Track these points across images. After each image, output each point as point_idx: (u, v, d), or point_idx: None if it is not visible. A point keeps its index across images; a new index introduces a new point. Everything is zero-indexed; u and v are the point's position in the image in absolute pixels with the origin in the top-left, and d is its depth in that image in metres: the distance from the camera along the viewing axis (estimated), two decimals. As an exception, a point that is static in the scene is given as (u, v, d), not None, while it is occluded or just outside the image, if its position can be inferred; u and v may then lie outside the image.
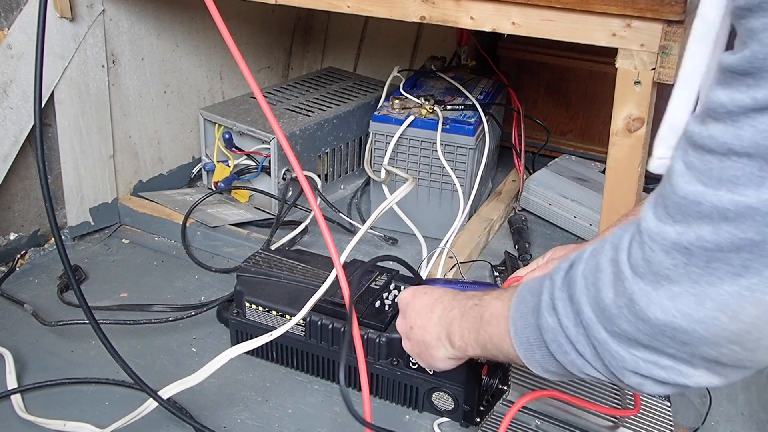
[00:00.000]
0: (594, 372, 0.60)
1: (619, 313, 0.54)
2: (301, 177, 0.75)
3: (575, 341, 0.59)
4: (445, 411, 0.99)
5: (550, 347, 0.62)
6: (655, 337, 0.52)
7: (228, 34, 0.71)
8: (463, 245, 1.34)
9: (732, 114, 0.45)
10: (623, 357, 0.55)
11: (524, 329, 0.66)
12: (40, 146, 0.83)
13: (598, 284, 0.57)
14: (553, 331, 0.62)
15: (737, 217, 0.45)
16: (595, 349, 0.58)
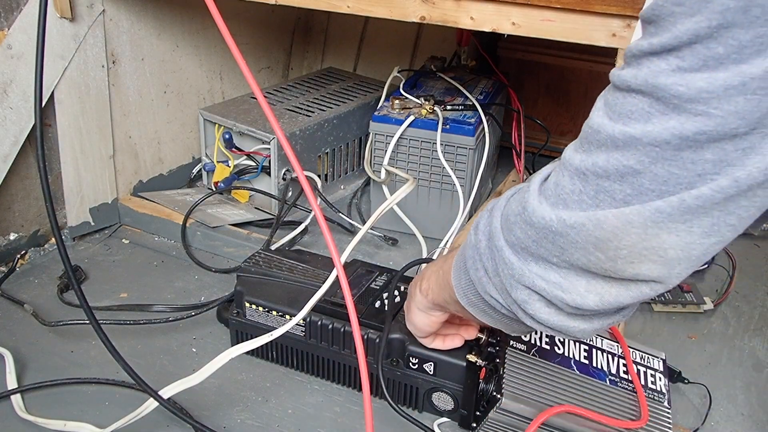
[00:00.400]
0: (494, 291, 0.63)
1: (516, 220, 0.59)
2: (302, 177, 0.75)
3: (483, 254, 0.63)
4: (445, 411, 0.99)
5: (467, 264, 0.66)
6: (540, 243, 0.56)
7: (228, 34, 0.71)
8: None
9: (636, 57, 0.49)
10: (513, 265, 0.59)
11: (460, 257, 0.69)
12: (41, 146, 0.83)
13: (511, 202, 0.61)
14: (472, 247, 0.65)
15: (624, 146, 0.50)
16: (494, 260, 0.61)
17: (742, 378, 1.10)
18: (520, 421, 0.87)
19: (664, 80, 0.47)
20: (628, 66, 0.51)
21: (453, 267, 0.71)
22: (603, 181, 0.51)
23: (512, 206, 0.60)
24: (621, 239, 0.52)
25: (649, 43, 0.48)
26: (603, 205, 0.52)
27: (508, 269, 0.60)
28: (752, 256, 1.43)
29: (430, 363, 0.96)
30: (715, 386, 1.06)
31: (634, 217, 0.50)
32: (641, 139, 0.49)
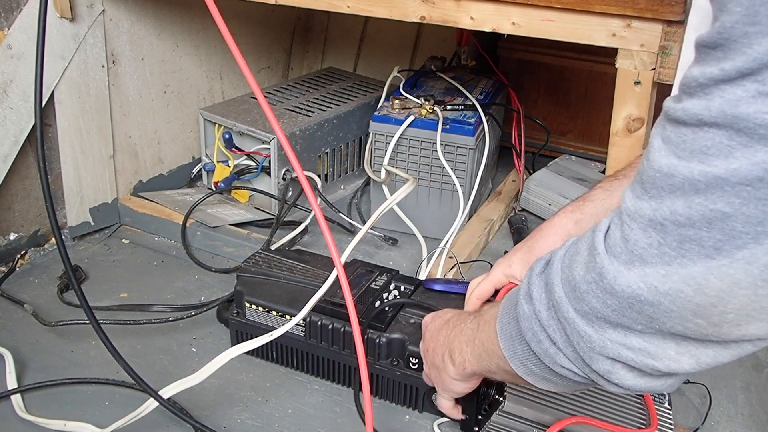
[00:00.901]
0: (566, 362, 0.58)
1: (588, 288, 0.53)
2: (302, 177, 0.75)
3: (547, 326, 0.58)
4: (445, 411, 0.99)
5: (526, 336, 0.61)
6: (623, 313, 0.51)
7: (228, 34, 0.71)
8: (463, 245, 1.34)
9: (703, 87, 0.45)
10: (591, 337, 0.54)
11: (507, 324, 0.65)
12: (41, 146, 0.83)
13: (572, 265, 0.56)
14: (528, 319, 0.61)
15: (707, 189, 0.45)
16: (565, 332, 0.57)
17: (742, 378, 1.10)
18: (523, 424, 0.87)
19: (745, 109, 0.43)
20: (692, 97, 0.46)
21: (499, 337, 0.66)
22: (686, 229, 0.46)
23: (578, 272, 0.55)
24: (727, 303, 0.46)
25: (720, 69, 0.44)
26: (690, 255, 0.47)
27: (585, 342, 0.55)
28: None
29: (430, 363, 0.96)
30: (715, 386, 1.06)
31: (740, 276, 0.45)
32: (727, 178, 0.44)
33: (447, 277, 1.24)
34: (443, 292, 1.06)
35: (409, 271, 1.22)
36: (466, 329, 0.75)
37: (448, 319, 0.82)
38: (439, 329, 0.82)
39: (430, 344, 0.84)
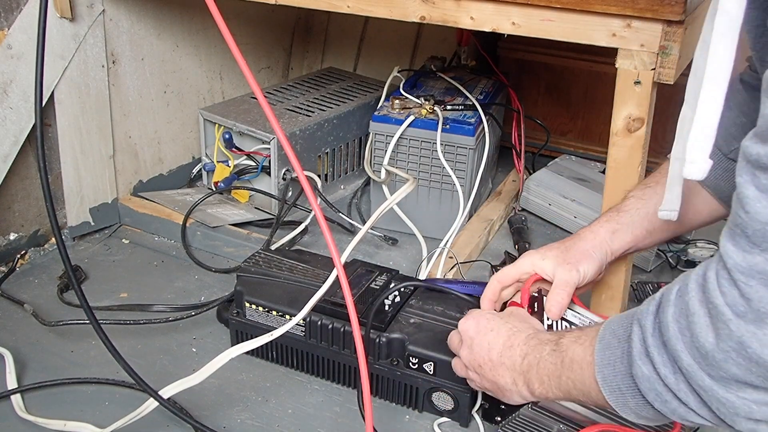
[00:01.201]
0: (699, 419, 0.58)
1: (726, 357, 0.52)
2: (302, 177, 0.75)
3: (676, 390, 0.57)
4: (445, 411, 0.99)
5: (647, 396, 0.60)
6: None
7: (228, 34, 0.71)
8: (463, 245, 1.34)
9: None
10: (733, 403, 0.53)
11: (613, 377, 0.64)
12: (41, 146, 0.83)
13: (693, 329, 0.54)
14: (649, 380, 0.59)
15: None
16: (700, 396, 0.56)
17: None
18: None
19: None
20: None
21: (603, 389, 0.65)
22: None
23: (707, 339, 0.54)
24: None
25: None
26: None
27: (728, 408, 0.54)
28: (752, 256, 1.43)
29: (430, 363, 0.96)
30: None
31: None
32: None
33: (447, 276, 1.24)
34: (443, 291, 1.06)
35: (409, 271, 1.23)
36: (546, 363, 0.74)
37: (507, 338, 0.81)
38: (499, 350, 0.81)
39: (485, 361, 0.82)
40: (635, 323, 0.61)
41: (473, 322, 0.85)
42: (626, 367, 0.62)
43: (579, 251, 0.91)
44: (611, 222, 0.92)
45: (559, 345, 0.73)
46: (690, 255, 1.35)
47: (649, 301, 0.61)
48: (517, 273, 0.93)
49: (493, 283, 0.94)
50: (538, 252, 0.92)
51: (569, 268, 0.90)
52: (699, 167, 0.61)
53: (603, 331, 0.67)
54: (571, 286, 0.90)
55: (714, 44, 0.57)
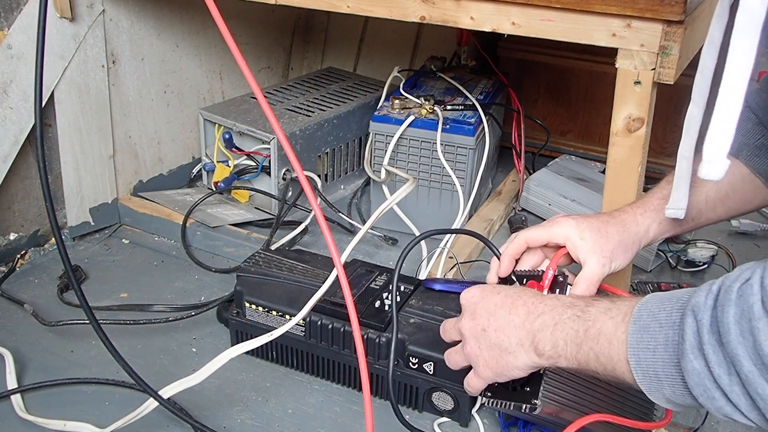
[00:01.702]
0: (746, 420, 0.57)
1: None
2: (302, 177, 0.75)
3: (729, 391, 0.57)
4: (445, 411, 0.99)
5: (693, 390, 0.59)
6: None
7: (228, 34, 0.71)
8: (463, 245, 1.34)
9: None
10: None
11: (652, 362, 0.63)
12: (41, 146, 0.83)
13: (756, 334, 0.53)
14: (700, 376, 0.58)
15: None
16: (755, 402, 0.55)
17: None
18: None
19: None
20: None
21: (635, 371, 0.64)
22: None
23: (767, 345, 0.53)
24: None
25: None
26: None
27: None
28: (752, 255, 1.43)
29: (430, 363, 0.96)
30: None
31: None
32: None
33: (447, 276, 1.24)
34: (443, 291, 1.06)
35: (409, 271, 1.22)
36: (566, 327, 0.71)
37: (518, 297, 0.77)
38: (508, 308, 0.76)
39: (490, 322, 0.77)
40: (689, 314, 0.59)
41: (477, 290, 0.81)
42: (671, 356, 0.61)
43: (619, 243, 0.87)
44: (659, 212, 0.88)
45: (586, 312, 0.70)
46: (690, 255, 1.35)
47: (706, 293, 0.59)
48: (546, 238, 0.89)
49: (520, 241, 0.90)
50: (576, 227, 0.87)
51: (604, 260, 0.86)
52: (716, 167, 0.59)
53: (639, 311, 0.64)
54: (599, 279, 0.87)
55: (734, 42, 0.56)
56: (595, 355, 0.68)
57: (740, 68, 0.57)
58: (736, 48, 0.56)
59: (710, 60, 0.77)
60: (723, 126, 0.59)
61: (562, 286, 0.87)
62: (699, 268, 1.35)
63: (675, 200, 0.85)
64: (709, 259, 1.35)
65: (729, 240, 1.45)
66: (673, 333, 0.60)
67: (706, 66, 0.78)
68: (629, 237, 0.88)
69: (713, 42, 0.76)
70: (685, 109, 0.83)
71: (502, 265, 0.91)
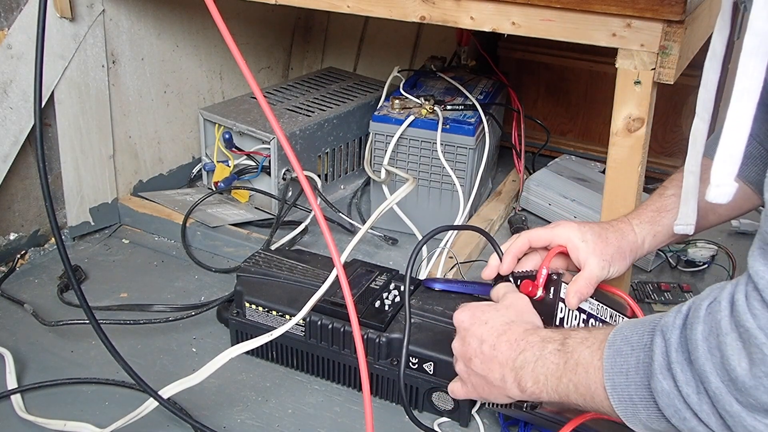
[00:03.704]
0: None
1: (758, 384, 0.51)
2: (302, 177, 0.75)
3: (698, 410, 0.56)
4: (445, 411, 0.99)
5: (664, 412, 0.59)
6: None
7: (228, 34, 0.71)
8: (463, 245, 1.34)
9: None
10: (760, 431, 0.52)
11: (626, 387, 0.62)
12: (40, 146, 0.83)
13: (724, 350, 0.53)
14: (669, 396, 0.58)
15: None
16: (724, 420, 0.54)
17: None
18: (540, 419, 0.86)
19: None
20: None
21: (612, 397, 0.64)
22: None
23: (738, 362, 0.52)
24: None
25: None
26: None
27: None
28: (752, 256, 1.43)
29: (430, 363, 0.96)
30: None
31: None
32: None
33: (447, 276, 1.24)
34: (443, 291, 1.06)
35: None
36: (546, 361, 0.72)
37: (503, 331, 0.78)
38: (492, 342, 0.78)
39: (476, 354, 0.79)
40: (658, 334, 0.59)
41: (468, 314, 0.83)
42: (642, 378, 0.60)
43: (617, 249, 0.88)
44: (654, 225, 0.89)
45: (565, 345, 0.71)
46: (690, 255, 1.35)
47: (675, 313, 0.59)
48: (549, 238, 0.90)
49: (523, 240, 0.91)
50: (578, 229, 0.89)
51: (604, 264, 0.87)
52: (724, 191, 0.59)
53: (613, 337, 0.65)
54: (597, 281, 0.88)
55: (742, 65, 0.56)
56: (575, 386, 0.68)
57: (748, 91, 0.56)
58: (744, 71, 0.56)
59: (713, 74, 0.77)
60: (731, 150, 0.58)
61: (557, 285, 0.87)
62: (699, 268, 1.35)
63: (684, 215, 0.85)
64: (709, 259, 1.35)
65: (729, 240, 1.45)
66: (644, 355, 0.61)
67: (710, 80, 0.78)
68: (627, 245, 0.89)
69: (716, 55, 0.76)
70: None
71: (504, 263, 0.92)
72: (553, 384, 0.71)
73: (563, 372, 0.70)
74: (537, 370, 0.73)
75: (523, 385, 0.74)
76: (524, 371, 0.74)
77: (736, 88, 0.57)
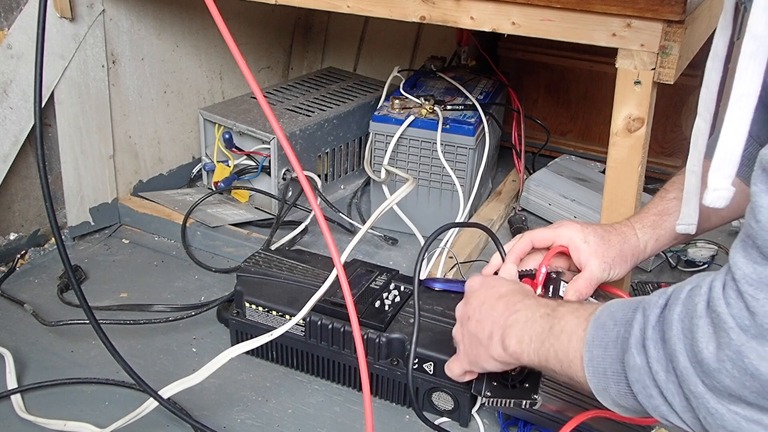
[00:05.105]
0: (679, 422, 0.57)
1: (721, 367, 0.51)
2: (302, 177, 0.75)
3: (664, 389, 0.56)
4: (445, 411, 0.99)
5: (633, 387, 0.59)
6: (764, 395, 0.49)
7: (228, 34, 0.71)
8: (463, 245, 1.34)
9: None
10: (722, 415, 0.52)
11: (602, 359, 0.63)
12: (40, 146, 0.83)
13: (695, 333, 0.53)
14: (640, 372, 0.58)
15: None
16: (689, 402, 0.55)
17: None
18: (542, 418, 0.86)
19: None
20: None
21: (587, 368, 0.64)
22: None
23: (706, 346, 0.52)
24: None
25: None
26: None
27: (715, 419, 0.52)
28: (752, 256, 1.43)
29: (430, 363, 0.96)
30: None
31: None
32: None
33: (447, 276, 1.24)
34: (443, 291, 1.06)
35: (409, 271, 1.22)
36: (535, 324, 0.72)
37: (504, 294, 0.79)
38: (491, 303, 0.79)
39: (475, 313, 0.80)
40: (640, 311, 0.60)
41: (480, 280, 0.84)
42: (618, 352, 0.61)
43: (619, 253, 0.89)
44: (656, 229, 0.90)
45: (556, 311, 0.71)
46: (690, 255, 1.35)
47: (660, 294, 0.59)
48: (552, 238, 0.90)
49: (526, 240, 0.91)
50: (581, 231, 0.89)
51: (605, 266, 0.88)
52: (721, 195, 0.59)
53: (601, 311, 0.65)
54: (598, 282, 0.88)
55: (741, 68, 0.56)
56: (555, 352, 0.69)
57: (746, 95, 0.56)
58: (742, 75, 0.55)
59: (715, 73, 0.77)
60: (728, 155, 0.58)
61: (556, 283, 0.88)
62: (699, 267, 1.35)
63: (685, 215, 0.85)
64: (709, 259, 1.35)
65: (729, 240, 1.44)
66: (624, 330, 0.61)
67: (711, 79, 0.78)
68: (629, 248, 0.90)
69: (718, 55, 0.76)
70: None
71: (508, 262, 0.92)
72: (535, 346, 0.71)
73: (547, 336, 0.70)
74: (523, 331, 0.73)
75: (506, 343, 0.74)
76: (512, 330, 0.74)
77: (733, 92, 0.56)
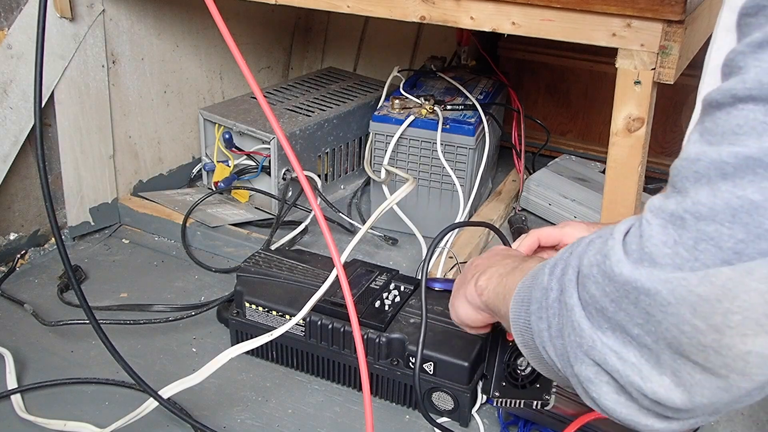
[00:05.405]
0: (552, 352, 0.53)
1: (590, 272, 0.48)
2: (302, 177, 0.75)
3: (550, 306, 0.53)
4: (445, 411, 0.99)
5: (531, 308, 0.56)
6: (620, 304, 0.45)
7: (228, 34, 0.71)
8: (463, 245, 1.34)
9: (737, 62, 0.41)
10: (583, 330, 0.48)
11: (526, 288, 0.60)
12: (40, 146, 0.83)
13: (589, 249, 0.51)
14: (541, 290, 0.55)
15: (736, 172, 0.40)
16: (561, 318, 0.51)
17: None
18: None
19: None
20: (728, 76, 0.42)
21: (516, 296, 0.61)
22: (706, 224, 0.40)
23: (590, 255, 0.49)
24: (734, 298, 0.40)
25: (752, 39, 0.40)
26: (704, 258, 0.41)
27: (576, 335, 0.49)
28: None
29: (430, 363, 0.96)
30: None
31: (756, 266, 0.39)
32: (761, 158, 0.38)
33: (447, 276, 1.24)
34: (443, 291, 1.06)
35: (409, 271, 1.22)
36: (507, 264, 0.71)
37: (501, 252, 0.80)
38: (488, 255, 0.79)
39: (473, 262, 0.80)
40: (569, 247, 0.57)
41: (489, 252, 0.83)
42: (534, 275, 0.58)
43: None
44: None
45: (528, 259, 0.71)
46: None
47: None
48: (559, 237, 0.89)
49: (533, 238, 0.90)
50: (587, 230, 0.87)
51: None
52: None
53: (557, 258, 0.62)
54: None
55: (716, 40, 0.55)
56: (503, 289, 0.67)
57: None
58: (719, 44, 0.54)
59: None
60: None
61: None
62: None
63: None
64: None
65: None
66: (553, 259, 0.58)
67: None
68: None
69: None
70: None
71: None
72: (495, 281, 0.71)
73: (506, 275, 0.69)
74: (494, 270, 0.73)
75: (478, 277, 0.74)
76: (488, 270, 0.74)
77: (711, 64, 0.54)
